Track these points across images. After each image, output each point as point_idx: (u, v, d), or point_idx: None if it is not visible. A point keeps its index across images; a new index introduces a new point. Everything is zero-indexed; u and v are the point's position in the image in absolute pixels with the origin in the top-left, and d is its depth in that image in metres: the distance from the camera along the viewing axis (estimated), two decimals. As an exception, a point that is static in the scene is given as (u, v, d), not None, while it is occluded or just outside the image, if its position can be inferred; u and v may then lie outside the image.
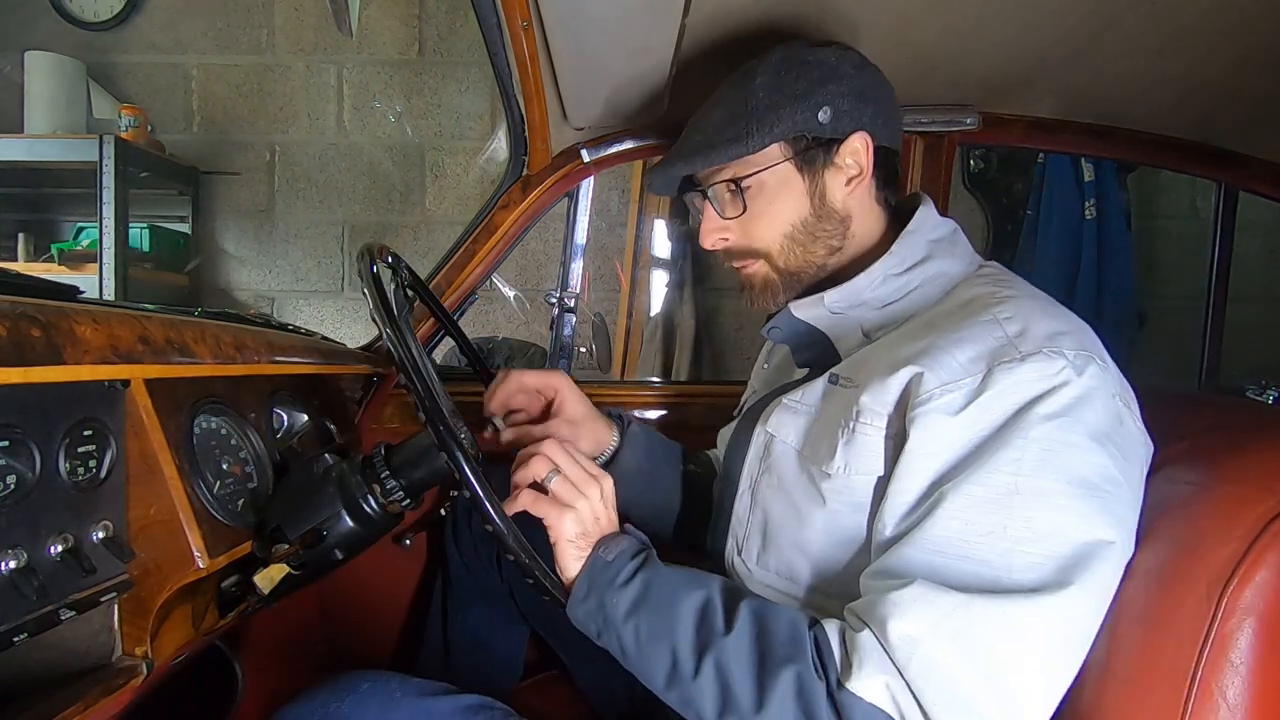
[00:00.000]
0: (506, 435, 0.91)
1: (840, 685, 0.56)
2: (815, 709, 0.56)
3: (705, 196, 0.78)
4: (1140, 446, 0.61)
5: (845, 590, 0.64)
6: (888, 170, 0.77)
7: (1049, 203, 2.35)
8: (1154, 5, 0.78)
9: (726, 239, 0.78)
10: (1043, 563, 0.55)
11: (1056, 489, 0.56)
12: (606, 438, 0.92)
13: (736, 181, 0.75)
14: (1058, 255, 2.30)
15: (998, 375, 0.59)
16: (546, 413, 0.91)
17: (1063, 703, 0.65)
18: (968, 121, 1.10)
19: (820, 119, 0.72)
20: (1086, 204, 2.31)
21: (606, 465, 0.92)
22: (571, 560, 0.68)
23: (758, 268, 0.78)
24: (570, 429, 0.88)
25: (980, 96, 1.07)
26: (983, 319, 0.63)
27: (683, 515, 0.97)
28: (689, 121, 0.80)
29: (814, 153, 0.73)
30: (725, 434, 1.05)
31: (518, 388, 0.90)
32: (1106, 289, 2.30)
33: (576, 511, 0.68)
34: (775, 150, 0.74)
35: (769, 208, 0.75)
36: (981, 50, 0.92)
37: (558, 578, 0.69)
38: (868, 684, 0.55)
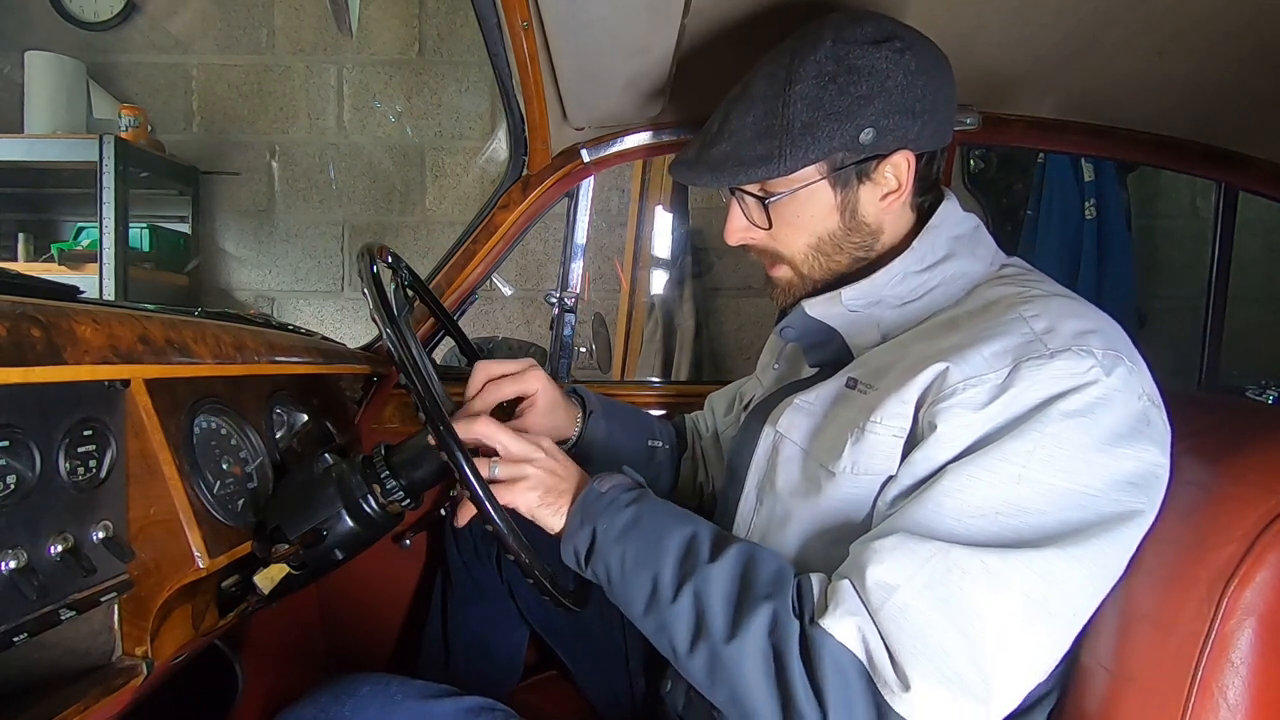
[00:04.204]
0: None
1: (813, 622, 0.57)
2: (786, 646, 0.56)
3: (732, 193, 0.75)
4: (1166, 440, 0.60)
5: None
6: (928, 176, 0.73)
7: (1049, 203, 2.35)
8: (1154, 5, 0.78)
9: (752, 239, 0.76)
10: (1027, 529, 0.55)
11: (1059, 486, 0.56)
12: (569, 427, 0.92)
13: (763, 199, 0.72)
14: (1058, 255, 2.30)
15: (1025, 371, 0.58)
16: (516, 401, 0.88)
17: (1063, 701, 0.65)
18: (968, 121, 1.10)
19: (861, 140, 0.67)
20: (1086, 204, 2.30)
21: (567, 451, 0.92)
22: (551, 518, 0.70)
23: (782, 272, 0.76)
24: (534, 429, 0.86)
25: (980, 96, 1.07)
26: (1008, 317, 0.62)
27: None
28: (725, 105, 0.73)
29: (849, 170, 0.69)
30: (716, 399, 1.07)
31: (495, 401, 0.85)
32: (1106, 289, 2.29)
33: (530, 479, 0.69)
34: (810, 169, 0.69)
35: (796, 220, 0.72)
36: (981, 50, 0.92)
37: (555, 576, 0.69)
38: (839, 623, 0.55)
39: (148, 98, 2.69)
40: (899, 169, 0.69)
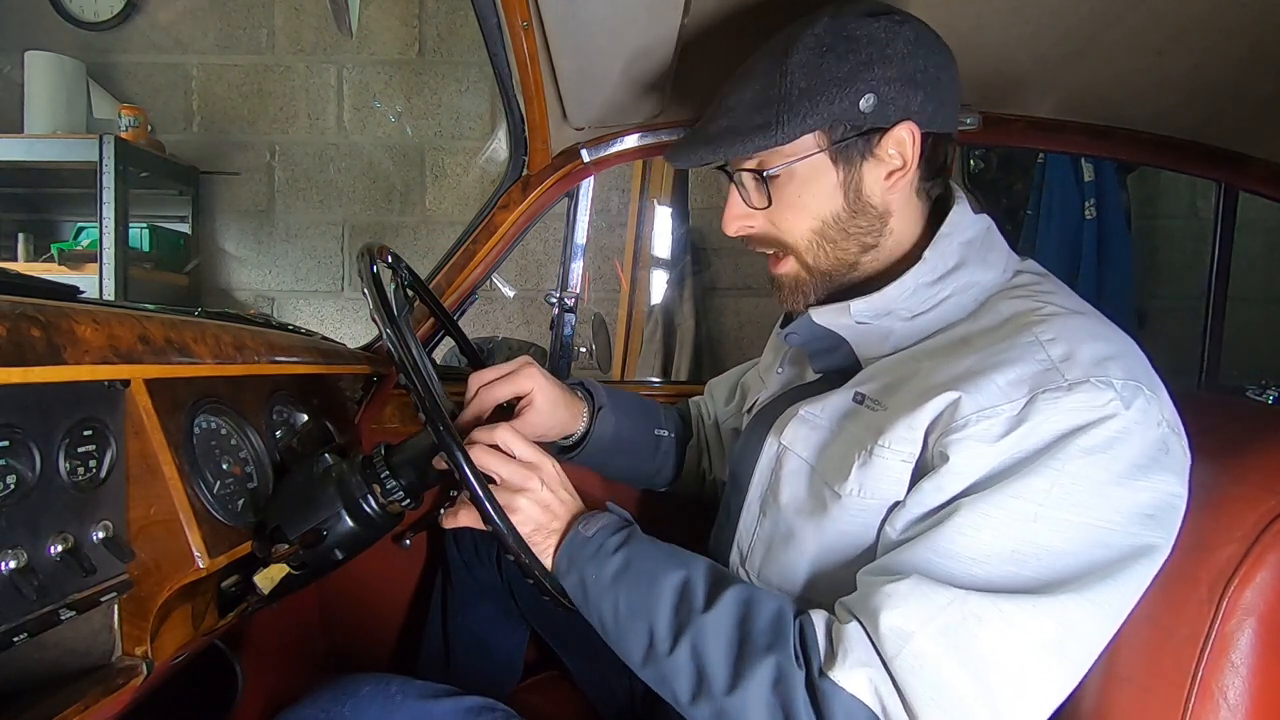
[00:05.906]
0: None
1: (822, 674, 0.55)
2: (792, 698, 0.55)
3: (731, 179, 0.72)
4: (1184, 469, 0.58)
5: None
6: (935, 160, 0.70)
7: (1049, 203, 2.35)
8: (1154, 5, 0.78)
9: (751, 227, 0.72)
10: (1044, 572, 0.54)
11: (1076, 522, 0.54)
12: (574, 422, 0.91)
13: (761, 172, 0.69)
14: (1058, 255, 2.29)
15: (1041, 404, 0.56)
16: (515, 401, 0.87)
17: (1064, 702, 0.65)
18: (968, 121, 1.10)
19: (862, 108, 0.65)
20: (1086, 204, 2.30)
21: (574, 445, 0.93)
22: (540, 556, 0.69)
23: (788, 266, 0.73)
24: (534, 428, 0.86)
25: (980, 96, 1.07)
26: (1023, 339, 0.60)
27: (646, 477, 1.02)
28: (723, 90, 0.72)
29: (852, 143, 0.67)
30: (716, 386, 1.07)
31: (491, 403, 0.83)
32: (1106, 289, 2.29)
33: (519, 512, 0.68)
34: (809, 140, 0.67)
35: (797, 201, 0.69)
36: (981, 50, 0.92)
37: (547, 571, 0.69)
38: (850, 675, 0.54)
39: (148, 98, 2.70)
40: (903, 145, 0.66)
